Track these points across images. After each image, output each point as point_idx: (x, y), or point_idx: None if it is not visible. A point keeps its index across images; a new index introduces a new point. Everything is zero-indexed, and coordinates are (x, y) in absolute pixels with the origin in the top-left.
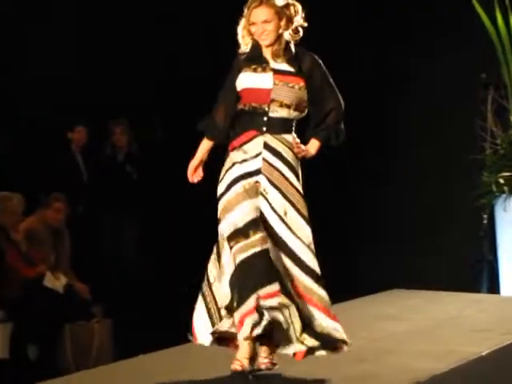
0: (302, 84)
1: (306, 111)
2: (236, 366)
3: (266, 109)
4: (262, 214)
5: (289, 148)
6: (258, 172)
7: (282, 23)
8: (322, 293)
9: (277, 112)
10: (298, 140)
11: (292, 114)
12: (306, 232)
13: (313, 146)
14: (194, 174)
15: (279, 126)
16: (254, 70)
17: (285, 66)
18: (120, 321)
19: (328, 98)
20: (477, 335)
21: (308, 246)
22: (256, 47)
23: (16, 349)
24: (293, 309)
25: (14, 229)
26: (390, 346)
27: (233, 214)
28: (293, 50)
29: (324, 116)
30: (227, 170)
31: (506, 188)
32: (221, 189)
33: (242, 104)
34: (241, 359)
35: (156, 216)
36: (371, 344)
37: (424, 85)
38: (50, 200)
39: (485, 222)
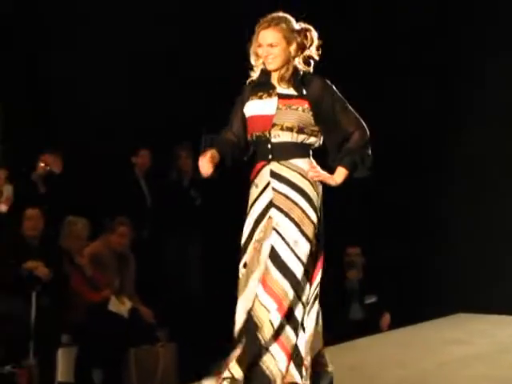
0: (306, 106)
1: (320, 137)
2: None
3: (268, 135)
4: (273, 248)
5: (300, 174)
6: (270, 205)
7: (292, 49)
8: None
9: (279, 137)
10: (314, 164)
11: (297, 137)
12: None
13: (339, 174)
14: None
15: (285, 152)
16: (260, 97)
17: (290, 91)
18: (184, 344)
19: (346, 123)
20: None
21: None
22: (265, 73)
23: (81, 373)
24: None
25: (79, 253)
26: (454, 369)
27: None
28: (300, 74)
29: (343, 141)
30: (247, 214)
31: None
32: (243, 236)
33: (249, 135)
34: None
35: (219, 240)
36: (437, 368)
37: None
38: (115, 224)
39: None
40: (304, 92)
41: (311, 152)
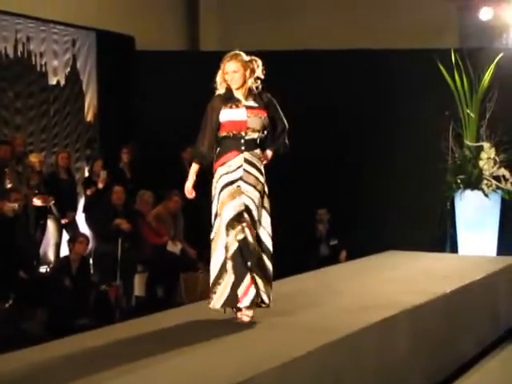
0: (265, 115)
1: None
2: (245, 318)
3: (243, 134)
4: (246, 206)
5: (258, 159)
6: (239, 179)
7: (247, 73)
8: (270, 267)
9: (250, 135)
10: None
11: (259, 135)
12: (267, 220)
13: (269, 154)
14: (192, 192)
15: (252, 145)
16: (230, 107)
17: (252, 103)
18: None
19: (278, 122)
20: (443, 280)
21: (267, 230)
22: (229, 90)
23: (149, 289)
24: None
25: (147, 213)
26: (384, 286)
27: (226, 209)
28: (255, 91)
29: (278, 135)
30: (217, 181)
31: (461, 185)
32: (214, 193)
33: (225, 132)
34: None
35: None
36: (373, 285)
37: (411, 120)
38: (171, 195)
39: (448, 207)
40: (262, 103)
41: None
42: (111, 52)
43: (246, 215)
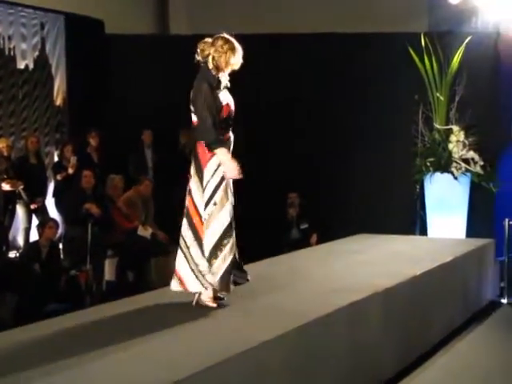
0: None
1: None
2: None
3: None
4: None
5: None
6: None
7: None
8: None
9: None
10: None
11: None
12: None
13: None
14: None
15: None
16: None
17: None
18: None
19: None
20: (413, 262)
21: None
22: None
23: (120, 274)
24: None
25: (118, 198)
26: (355, 269)
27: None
28: None
29: None
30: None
31: (431, 168)
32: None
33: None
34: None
35: None
36: (344, 268)
37: (381, 104)
38: (142, 179)
39: (417, 190)
40: None
41: None
42: (80, 36)
43: None
